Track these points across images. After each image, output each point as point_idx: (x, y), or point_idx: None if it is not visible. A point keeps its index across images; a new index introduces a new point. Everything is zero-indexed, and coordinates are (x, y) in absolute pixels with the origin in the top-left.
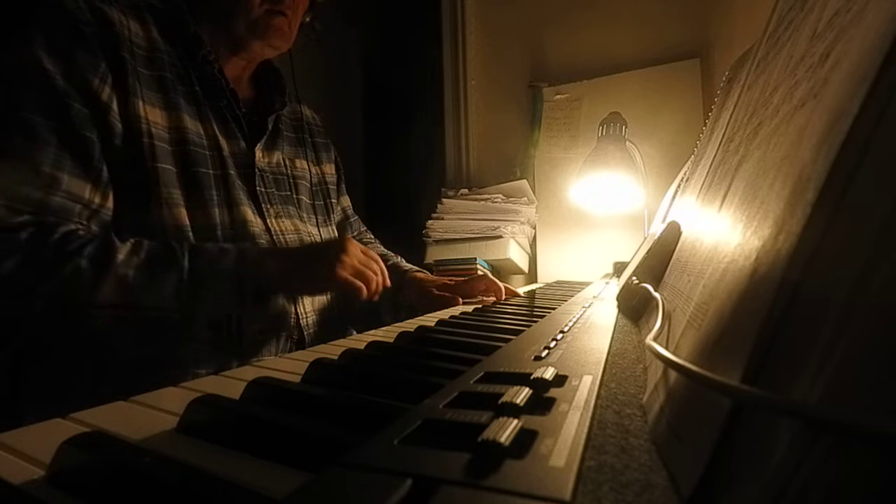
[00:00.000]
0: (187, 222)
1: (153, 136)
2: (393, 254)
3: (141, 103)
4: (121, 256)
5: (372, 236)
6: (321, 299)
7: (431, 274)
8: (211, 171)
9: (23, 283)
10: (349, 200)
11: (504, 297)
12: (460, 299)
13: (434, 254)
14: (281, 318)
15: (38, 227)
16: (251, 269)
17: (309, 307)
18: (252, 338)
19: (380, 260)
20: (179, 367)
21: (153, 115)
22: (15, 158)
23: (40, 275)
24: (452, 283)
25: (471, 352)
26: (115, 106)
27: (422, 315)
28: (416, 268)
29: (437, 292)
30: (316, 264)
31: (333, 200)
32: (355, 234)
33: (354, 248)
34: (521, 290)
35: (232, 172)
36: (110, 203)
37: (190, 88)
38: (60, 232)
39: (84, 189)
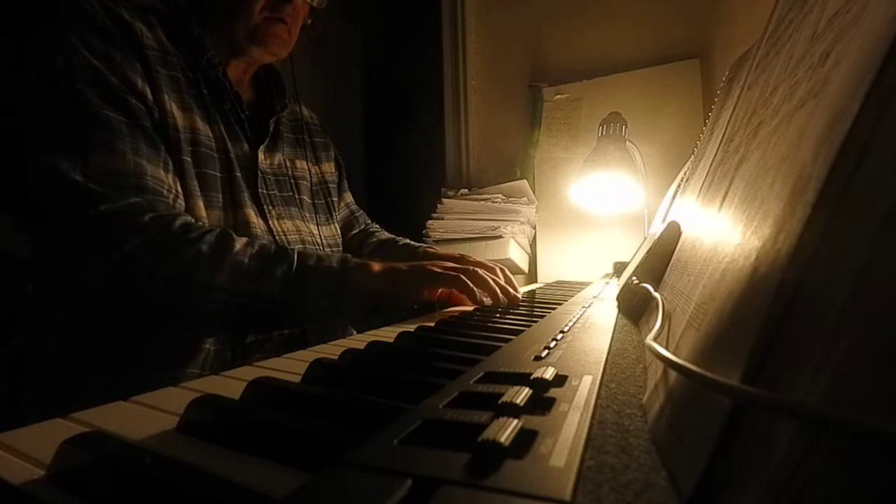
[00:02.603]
0: (205, 216)
1: (178, 131)
2: (400, 237)
3: (167, 98)
4: (237, 246)
5: (377, 226)
6: None
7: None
8: (218, 174)
9: (143, 262)
10: (352, 196)
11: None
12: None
13: None
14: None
15: (154, 211)
16: (354, 273)
17: None
18: (252, 337)
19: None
20: (179, 367)
21: (175, 113)
22: (101, 150)
23: (161, 256)
24: None
25: (471, 352)
26: (150, 101)
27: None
28: (426, 245)
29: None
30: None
31: (335, 199)
32: (362, 227)
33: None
34: (521, 290)
35: (238, 175)
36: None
37: (198, 91)
38: (181, 220)
39: (164, 176)
